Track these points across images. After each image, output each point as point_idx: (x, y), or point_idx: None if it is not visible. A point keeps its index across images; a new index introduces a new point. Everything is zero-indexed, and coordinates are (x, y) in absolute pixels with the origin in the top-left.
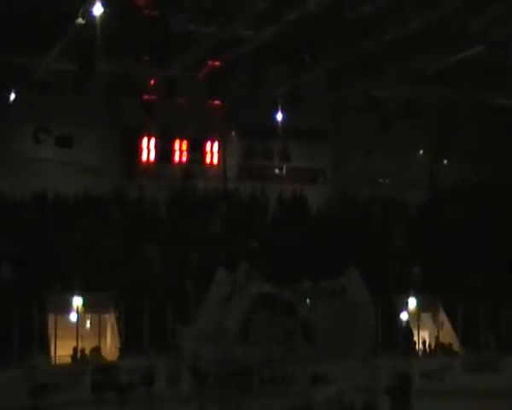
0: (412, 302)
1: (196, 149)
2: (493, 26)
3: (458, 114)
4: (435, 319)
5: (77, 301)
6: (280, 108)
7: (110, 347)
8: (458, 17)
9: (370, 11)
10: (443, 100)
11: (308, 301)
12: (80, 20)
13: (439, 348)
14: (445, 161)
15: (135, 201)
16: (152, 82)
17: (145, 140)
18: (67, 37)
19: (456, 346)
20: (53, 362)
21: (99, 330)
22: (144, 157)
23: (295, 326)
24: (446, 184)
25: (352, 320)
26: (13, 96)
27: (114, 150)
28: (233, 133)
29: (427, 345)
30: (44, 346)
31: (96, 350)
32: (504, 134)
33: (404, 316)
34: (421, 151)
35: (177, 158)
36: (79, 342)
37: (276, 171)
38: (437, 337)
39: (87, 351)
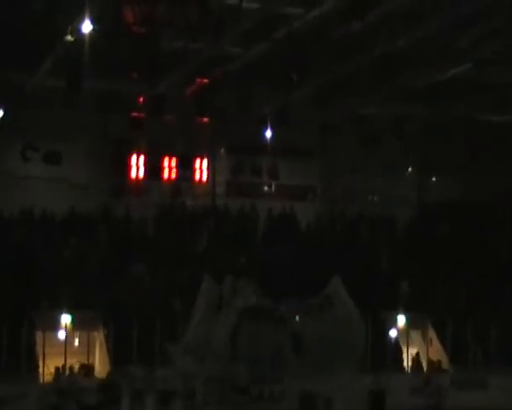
0: (401, 319)
1: (185, 166)
2: (481, 43)
3: (447, 131)
4: (424, 336)
5: (65, 319)
6: (268, 125)
7: (99, 364)
8: (446, 34)
9: (359, 29)
10: (431, 116)
11: (297, 317)
12: (69, 37)
13: (428, 365)
14: (434, 178)
15: (122, 218)
16: (141, 99)
17: (134, 157)
18: (56, 53)
19: (445, 363)
20: (41, 380)
21: (88, 347)
22: (133, 174)
23: (284, 339)
24: (435, 200)
25: (341, 332)
26: (1, 113)
27: (103, 167)
28: (222, 150)
29: (415, 362)
30: (33, 363)
31: (87, 367)
32: (493, 150)
33: (393, 333)
34: (409, 168)
35: (166, 175)
36: (68, 359)
37: (265, 188)
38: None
39: (76, 369)
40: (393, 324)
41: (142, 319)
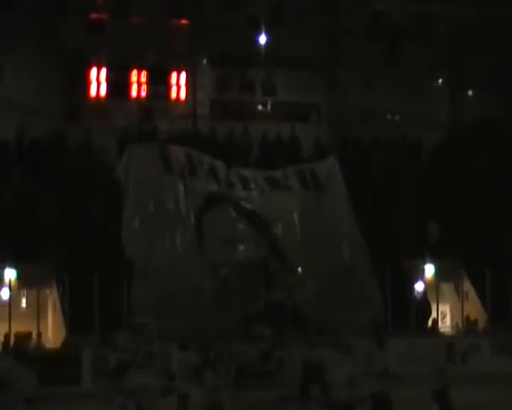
0: (429, 269)
1: (158, 82)
2: None
3: (485, 34)
4: (458, 289)
5: (9, 274)
6: (262, 28)
7: (52, 330)
8: None
9: None
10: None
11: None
12: None
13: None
14: (469, 92)
15: (80, 148)
16: None
17: (94, 71)
18: None
19: (483, 323)
20: None
21: (38, 309)
22: (93, 92)
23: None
24: (470, 121)
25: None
26: None
27: (54, 84)
28: (204, 61)
29: (448, 322)
30: None
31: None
32: None
33: (419, 286)
34: (439, 80)
35: (134, 93)
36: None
37: (259, 107)
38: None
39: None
40: (420, 275)
41: (105, 270)
